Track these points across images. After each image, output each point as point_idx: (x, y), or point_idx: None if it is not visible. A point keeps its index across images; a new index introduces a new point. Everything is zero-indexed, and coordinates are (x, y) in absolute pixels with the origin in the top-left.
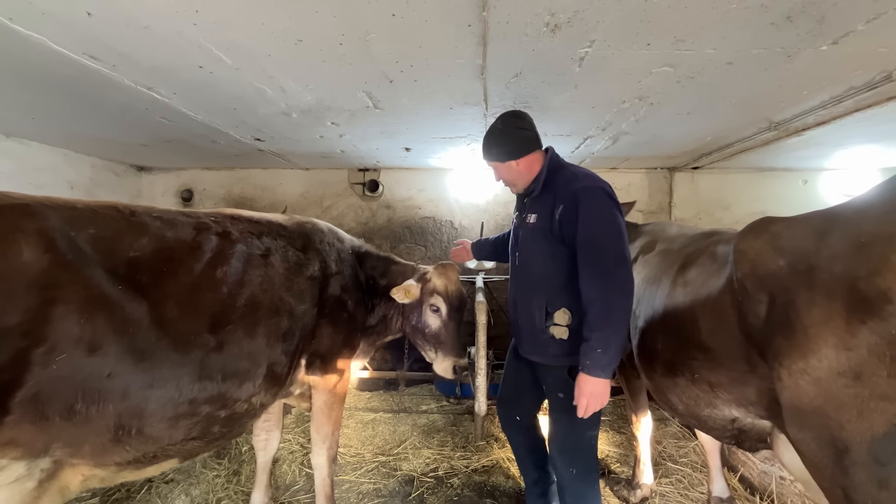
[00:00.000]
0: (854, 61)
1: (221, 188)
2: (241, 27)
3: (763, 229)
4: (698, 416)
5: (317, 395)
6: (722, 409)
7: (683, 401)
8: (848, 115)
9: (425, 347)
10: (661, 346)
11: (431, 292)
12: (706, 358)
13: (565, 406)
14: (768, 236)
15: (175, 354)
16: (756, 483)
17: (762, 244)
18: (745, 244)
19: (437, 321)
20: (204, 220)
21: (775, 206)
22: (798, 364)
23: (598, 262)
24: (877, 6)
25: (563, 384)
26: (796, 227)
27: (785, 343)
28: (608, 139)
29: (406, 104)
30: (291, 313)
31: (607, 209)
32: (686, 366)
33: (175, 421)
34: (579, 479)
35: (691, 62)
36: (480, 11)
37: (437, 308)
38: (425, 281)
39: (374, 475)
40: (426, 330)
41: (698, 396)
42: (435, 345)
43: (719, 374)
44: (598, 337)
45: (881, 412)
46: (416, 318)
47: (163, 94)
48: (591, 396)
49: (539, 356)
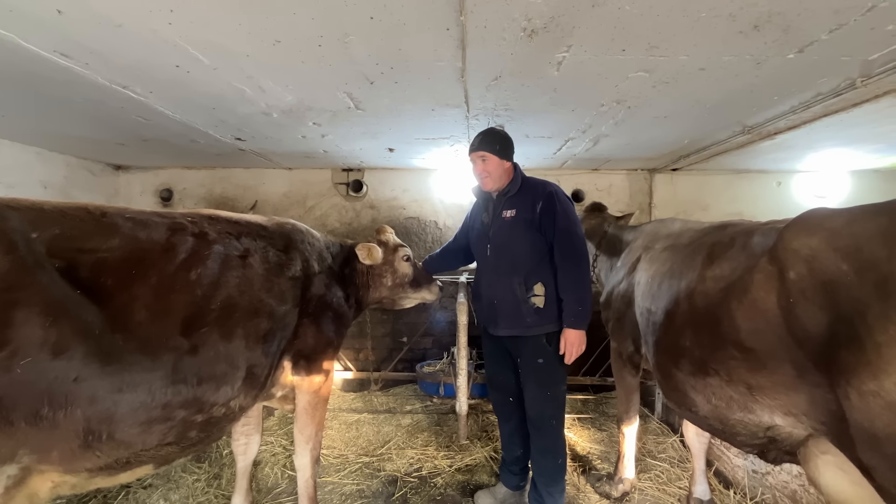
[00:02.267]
0: (819, 69)
1: (202, 188)
2: (218, 27)
3: (818, 225)
4: (726, 420)
5: (300, 396)
6: (759, 415)
7: (712, 402)
8: (816, 120)
9: (409, 293)
10: (689, 343)
11: (395, 248)
12: (746, 358)
13: (545, 368)
14: (825, 234)
15: (146, 358)
16: (730, 477)
17: (819, 243)
18: (799, 242)
19: (410, 267)
20: (180, 220)
21: (751, 207)
22: (869, 385)
23: (572, 244)
24: (838, 17)
25: (541, 350)
26: (857, 224)
27: (853, 360)
28: (589, 141)
29: (388, 105)
30: (272, 314)
31: (572, 207)
32: (722, 365)
33: (148, 426)
34: (556, 427)
35: (666, 68)
36: (458, 16)
37: (406, 256)
38: (384, 243)
39: (357, 476)
40: (406, 278)
41: (731, 398)
42: (417, 285)
43: (761, 377)
44: (577, 297)
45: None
46: (392, 275)
47: (138, 93)
48: (576, 345)
49: (519, 329)
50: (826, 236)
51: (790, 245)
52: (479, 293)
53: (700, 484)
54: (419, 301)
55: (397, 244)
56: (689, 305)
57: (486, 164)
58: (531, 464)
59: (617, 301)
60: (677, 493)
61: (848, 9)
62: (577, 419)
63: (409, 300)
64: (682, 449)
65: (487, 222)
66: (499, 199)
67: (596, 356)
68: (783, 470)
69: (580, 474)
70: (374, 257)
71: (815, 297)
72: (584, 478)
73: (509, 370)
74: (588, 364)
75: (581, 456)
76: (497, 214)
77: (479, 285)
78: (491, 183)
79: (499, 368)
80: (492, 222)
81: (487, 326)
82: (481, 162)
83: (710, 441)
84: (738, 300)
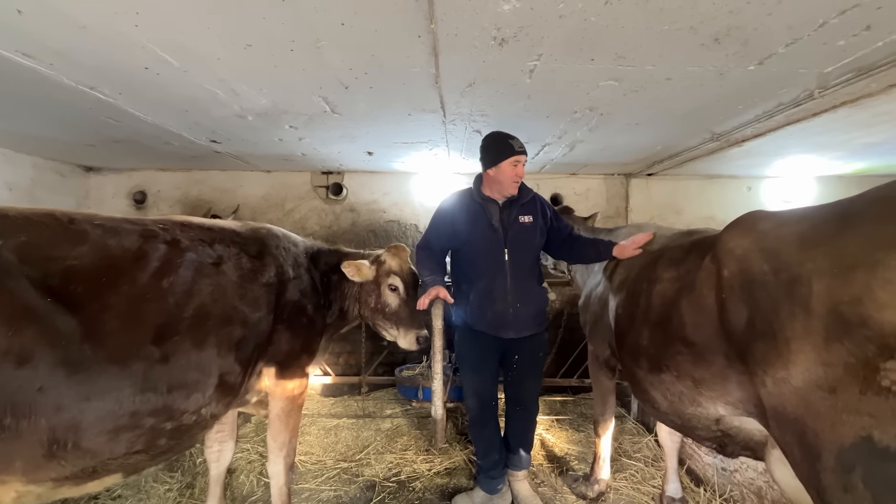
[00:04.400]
0: (779, 80)
1: (177, 190)
2: (186, 30)
3: (751, 227)
4: (682, 414)
5: (274, 403)
6: (706, 407)
7: (668, 398)
8: (780, 129)
9: (386, 327)
10: (646, 342)
11: (388, 273)
12: (690, 352)
13: (542, 360)
14: (756, 235)
15: (114, 367)
16: (701, 475)
17: (749, 244)
18: (734, 242)
19: (397, 299)
20: (151, 227)
21: (723, 212)
22: (781, 373)
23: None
24: (792, 32)
25: (544, 344)
26: (782, 228)
27: (768, 351)
28: (565, 147)
29: (364, 109)
30: (245, 321)
31: None
32: (671, 360)
33: (115, 434)
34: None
35: (634, 77)
36: (429, 24)
37: (395, 287)
38: (380, 263)
39: (335, 482)
40: (386, 309)
41: (682, 393)
42: (396, 322)
43: (702, 369)
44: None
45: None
46: (375, 300)
47: (107, 94)
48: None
49: (534, 328)
50: (756, 237)
51: (727, 245)
52: (492, 298)
53: (672, 482)
54: (392, 339)
55: (391, 270)
56: (647, 306)
57: (521, 169)
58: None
59: (594, 304)
60: (651, 492)
61: (801, 24)
62: (555, 421)
63: (385, 333)
64: (657, 448)
65: (499, 227)
66: (511, 205)
67: (574, 358)
68: (749, 467)
69: (557, 475)
70: (364, 274)
71: (742, 293)
72: (561, 479)
73: (496, 376)
74: (567, 366)
75: (559, 457)
76: (513, 220)
77: (493, 291)
78: (517, 188)
79: (488, 376)
80: (508, 228)
81: (498, 332)
82: (521, 166)
83: (682, 440)
84: (686, 298)
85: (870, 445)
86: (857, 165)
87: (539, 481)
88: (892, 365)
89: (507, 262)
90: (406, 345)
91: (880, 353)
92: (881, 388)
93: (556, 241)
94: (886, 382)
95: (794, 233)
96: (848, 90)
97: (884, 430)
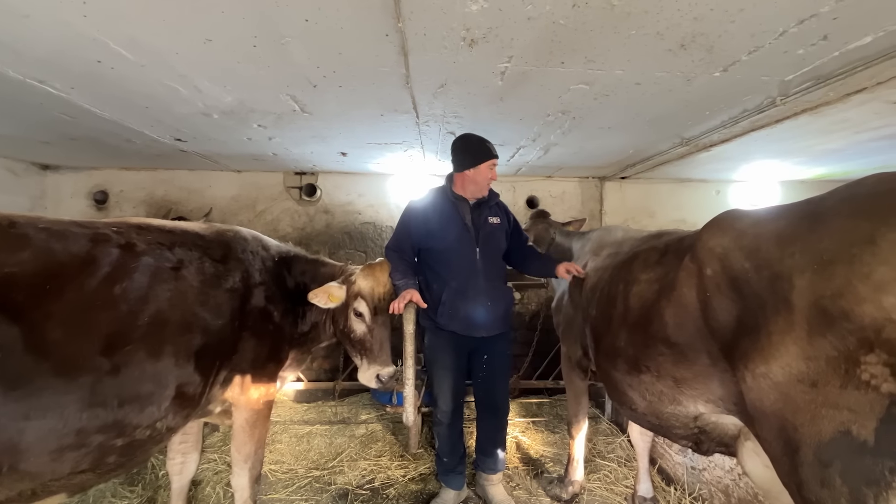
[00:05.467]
0: (743, 87)
1: (142, 190)
2: (140, 22)
3: (729, 226)
4: (660, 414)
5: (238, 413)
6: (686, 406)
7: (647, 398)
8: (745, 135)
9: (353, 353)
10: (624, 343)
11: (355, 295)
12: (672, 352)
13: (509, 358)
14: (735, 234)
15: (58, 381)
16: (672, 474)
17: (729, 242)
18: (714, 241)
19: (362, 326)
20: (103, 231)
21: (694, 214)
22: (761, 368)
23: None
24: (755, 40)
25: (510, 343)
26: (760, 226)
27: (751, 347)
28: (540, 149)
29: (335, 109)
30: (207, 329)
31: None
32: (652, 361)
33: (59, 454)
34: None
35: (604, 81)
36: (396, 23)
37: (360, 313)
38: (350, 283)
39: (306, 491)
40: (351, 335)
41: (662, 393)
42: (360, 351)
43: (684, 368)
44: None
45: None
46: (343, 322)
47: (58, 89)
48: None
49: (503, 327)
50: (735, 236)
51: (707, 244)
52: (465, 298)
53: (644, 482)
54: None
55: (360, 293)
56: (624, 308)
57: (495, 172)
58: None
59: (566, 306)
60: (624, 492)
61: (762, 33)
62: (531, 423)
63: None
64: (630, 448)
65: (471, 227)
66: (481, 206)
67: (549, 360)
68: (717, 466)
69: (532, 478)
70: (336, 298)
71: (726, 291)
72: (536, 481)
73: (465, 376)
74: (542, 367)
75: (534, 459)
76: (483, 220)
77: (467, 290)
78: (485, 191)
79: (459, 376)
80: (479, 228)
81: (470, 331)
82: (494, 168)
83: (653, 439)
84: (666, 298)
85: (848, 440)
86: (818, 170)
87: (514, 484)
88: (872, 358)
89: (479, 262)
90: (364, 380)
91: (861, 347)
92: (861, 381)
93: (511, 248)
94: (866, 376)
95: (771, 230)
96: (808, 98)
97: (862, 425)
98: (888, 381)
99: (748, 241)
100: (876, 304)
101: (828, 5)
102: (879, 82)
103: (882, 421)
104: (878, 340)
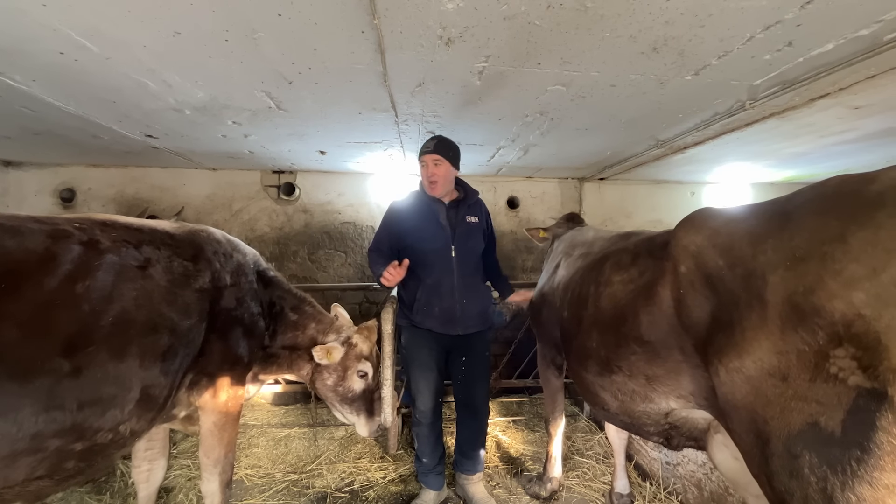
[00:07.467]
0: (714, 91)
1: (111, 188)
2: (103, 13)
3: (703, 224)
4: (632, 413)
5: (205, 417)
6: (658, 402)
7: (619, 398)
8: (717, 137)
9: (344, 410)
10: (596, 344)
11: (358, 358)
12: (644, 351)
13: (488, 358)
14: (708, 232)
15: (12, 383)
16: (647, 469)
17: (703, 240)
18: (687, 239)
19: (363, 385)
20: (63, 227)
21: (669, 215)
22: (734, 363)
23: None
24: (724, 45)
25: (487, 342)
26: (732, 224)
27: (725, 342)
28: (519, 150)
29: (311, 107)
30: (174, 330)
31: None
32: (624, 361)
33: (12, 460)
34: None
35: (580, 82)
36: (371, 19)
37: (364, 374)
38: (350, 345)
39: (283, 496)
40: (349, 395)
41: (634, 392)
42: (357, 409)
43: (656, 366)
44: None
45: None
46: (336, 380)
47: (18, 81)
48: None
49: (480, 325)
50: (708, 234)
51: (681, 242)
52: (439, 294)
53: (620, 479)
54: (344, 421)
55: (362, 355)
56: (596, 309)
57: (439, 168)
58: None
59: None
60: (602, 489)
61: (731, 38)
62: (511, 422)
63: (339, 414)
64: (608, 445)
65: (446, 225)
66: (457, 205)
67: (529, 359)
68: (690, 461)
69: (512, 476)
70: (332, 359)
71: (700, 287)
72: (515, 480)
73: (443, 374)
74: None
75: (514, 458)
76: (460, 219)
77: (441, 287)
78: (439, 188)
79: (436, 374)
80: (456, 226)
81: (446, 328)
82: (433, 165)
83: (629, 436)
84: (641, 297)
85: (816, 431)
86: (787, 173)
87: (494, 483)
88: (841, 352)
89: (454, 259)
90: (365, 432)
91: (830, 341)
92: (829, 375)
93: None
94: (834, 370)
95: (744, 229)
96: (775, 102)
97: (830, 417)
98: (855, 374)
99: (722, 239)
100: (846, 300)
101: (792, 12)
102: (841, 88)
103: (849, 413)
104: (847, 335)
